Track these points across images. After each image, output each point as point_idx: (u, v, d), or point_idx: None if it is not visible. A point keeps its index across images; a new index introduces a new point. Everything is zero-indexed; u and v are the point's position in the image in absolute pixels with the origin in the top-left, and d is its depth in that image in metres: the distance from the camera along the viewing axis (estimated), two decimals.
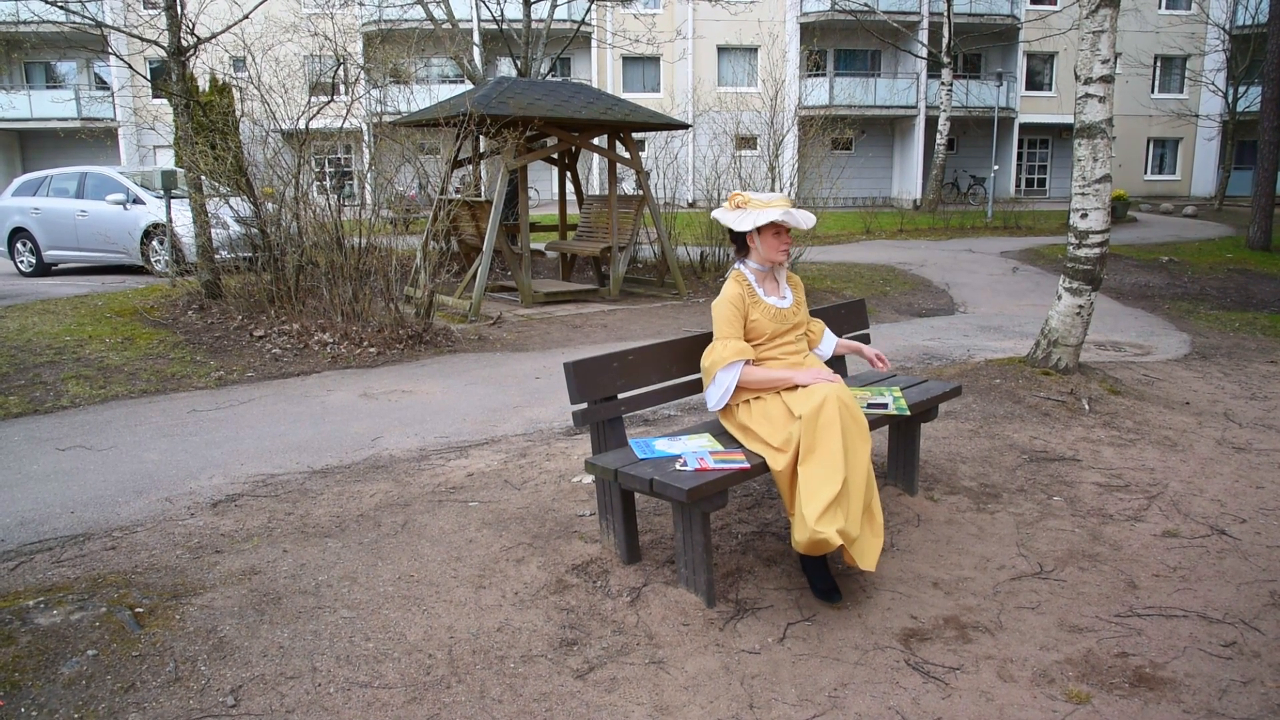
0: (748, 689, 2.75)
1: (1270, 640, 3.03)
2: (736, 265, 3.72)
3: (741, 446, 3.41)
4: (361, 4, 22.80)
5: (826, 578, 3.32)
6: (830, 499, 3.03)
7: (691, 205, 16.90)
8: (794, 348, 3.67)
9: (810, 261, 12.41)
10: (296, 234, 8.56)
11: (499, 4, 15.87)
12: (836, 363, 4.14)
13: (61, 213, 12.63)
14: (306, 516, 4.08)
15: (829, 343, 3.98)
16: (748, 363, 3.54)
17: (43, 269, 12.98)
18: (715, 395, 3.56)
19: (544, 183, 25.38)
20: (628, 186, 13.15)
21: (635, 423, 5.62)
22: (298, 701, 2.66)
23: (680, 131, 12.93)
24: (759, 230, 3.56)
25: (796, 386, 3.44)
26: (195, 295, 9.03)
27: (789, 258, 3.64)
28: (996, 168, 25.71)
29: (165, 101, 10.85)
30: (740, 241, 3.65)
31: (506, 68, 22.31)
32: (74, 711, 2.59)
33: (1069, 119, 25.72)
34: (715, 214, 3.69)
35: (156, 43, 9.19)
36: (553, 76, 20.76)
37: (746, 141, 14.00)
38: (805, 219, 3.55)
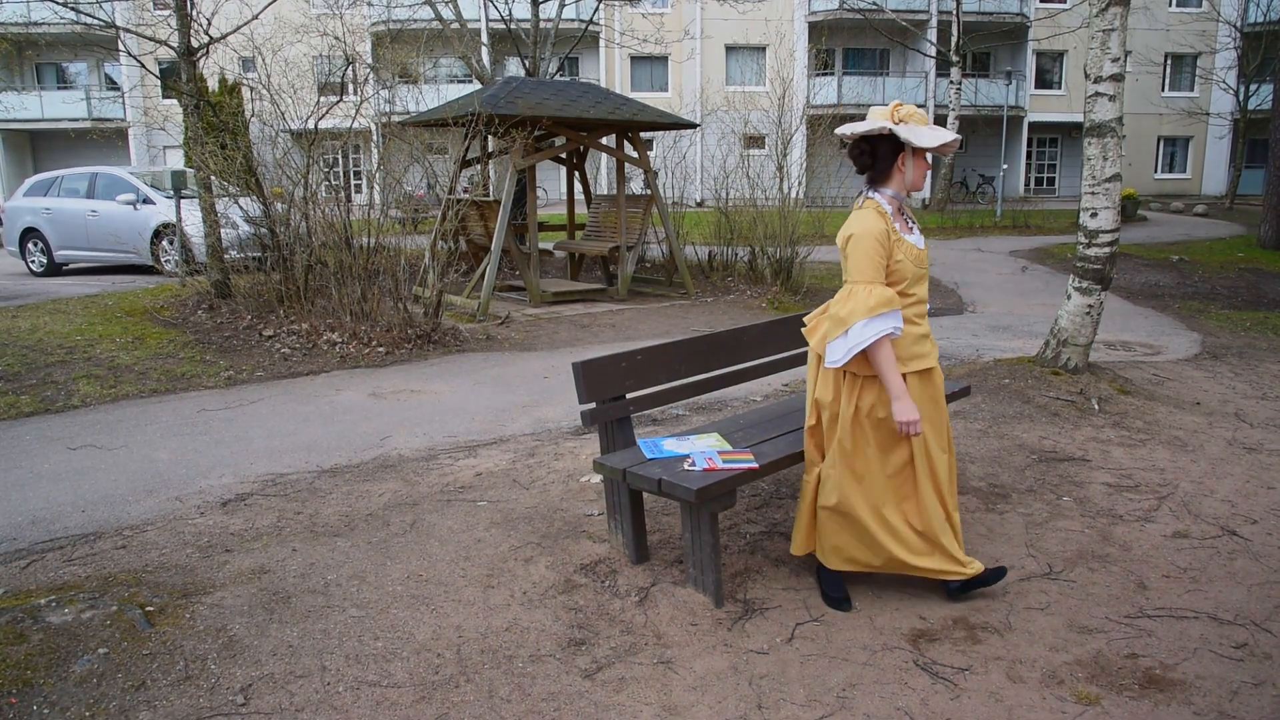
0: (756, 689, 2.75)
1: None
2: (869, 193, 3.00)
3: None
4: (370, 4, 22.85)
5: (841, 586, 3.29)
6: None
7: (700, 205, 16.87)
8: (924, 297, 3.02)
9: (819, 260, 12.37)
10: (305, 234, 8.59)
11: (507, 4, 15.89)
12: None
13: (72, 213, 12.69)
14: (316, 516, 4.09)
15: None
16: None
17: (54, 269, 13.04)
18: (841, 349, 2.84)
19: (552, 182, 25.36)
20: (636, 186, 13.14)
21: (643, 423, 5.63)
22: (307, 700, 2.67)
23: (688, 131, 12.92)
24: (913, 152, 2.92)
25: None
26: (205, 295, 9.07)
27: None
28: (1005, 166, 25.59)
29: (175, 102, 10.90)
30: (878, 163, 2.96)
31: (514, 67, 22.36)
32: (85, 709, 2.61)
33: (1079, 118, 25.61)
34: (898, 129, 2.88)
35: (167, 43, 9.23)
36: (561, 76, 20.77)
37: (755, 141, 13.95)
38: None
